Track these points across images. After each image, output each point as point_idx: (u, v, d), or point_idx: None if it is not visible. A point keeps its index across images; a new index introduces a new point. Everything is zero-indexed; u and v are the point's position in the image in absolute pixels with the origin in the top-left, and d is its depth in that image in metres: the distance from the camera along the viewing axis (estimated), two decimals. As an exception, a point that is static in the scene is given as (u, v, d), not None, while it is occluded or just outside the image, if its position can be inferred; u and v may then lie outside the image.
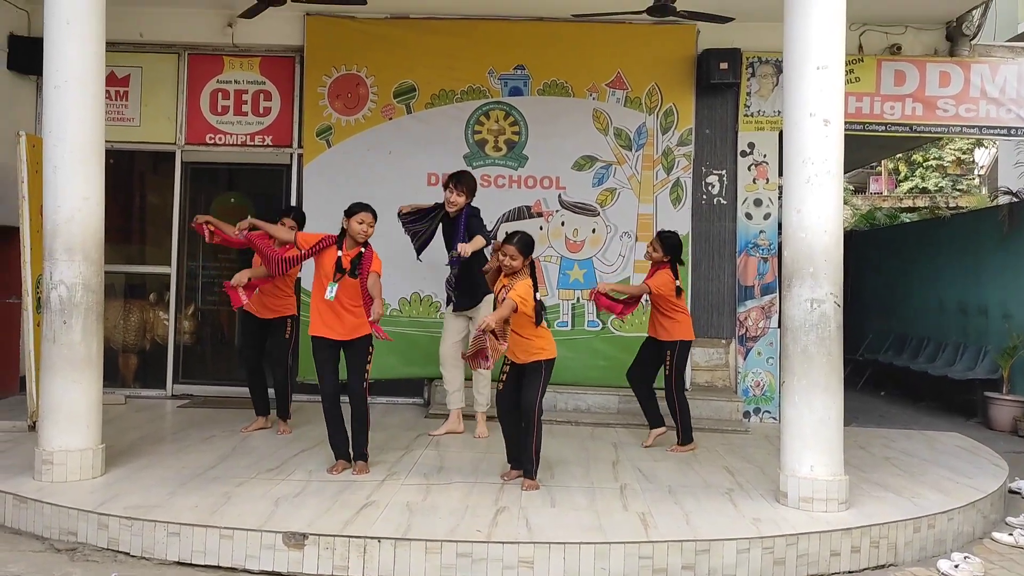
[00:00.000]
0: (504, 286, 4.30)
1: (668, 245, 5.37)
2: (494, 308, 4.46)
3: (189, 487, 4.32)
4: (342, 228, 4.55)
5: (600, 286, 5.28)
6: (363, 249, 4.51)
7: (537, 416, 4.27)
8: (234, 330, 7.34)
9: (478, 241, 5.10)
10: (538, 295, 4.30)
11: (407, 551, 3.59)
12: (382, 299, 4.53)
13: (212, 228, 5.22)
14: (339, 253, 4.48)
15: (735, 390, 6.81)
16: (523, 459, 4.43)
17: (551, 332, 4.53)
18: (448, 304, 5.64)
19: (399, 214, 5.44)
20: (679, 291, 5.35)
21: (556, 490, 4.48)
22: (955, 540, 4.26)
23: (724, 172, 6.97)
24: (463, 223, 5.27)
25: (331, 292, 4.41)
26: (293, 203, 6.85)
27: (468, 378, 5.80)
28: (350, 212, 4.52)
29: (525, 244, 4.33)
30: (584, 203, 6.89)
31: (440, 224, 5.46)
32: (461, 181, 5.38)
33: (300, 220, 5.52)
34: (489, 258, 4.74)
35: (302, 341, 5.94)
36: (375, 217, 4.56)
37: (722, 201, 6.97)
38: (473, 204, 5.48)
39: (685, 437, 5.42)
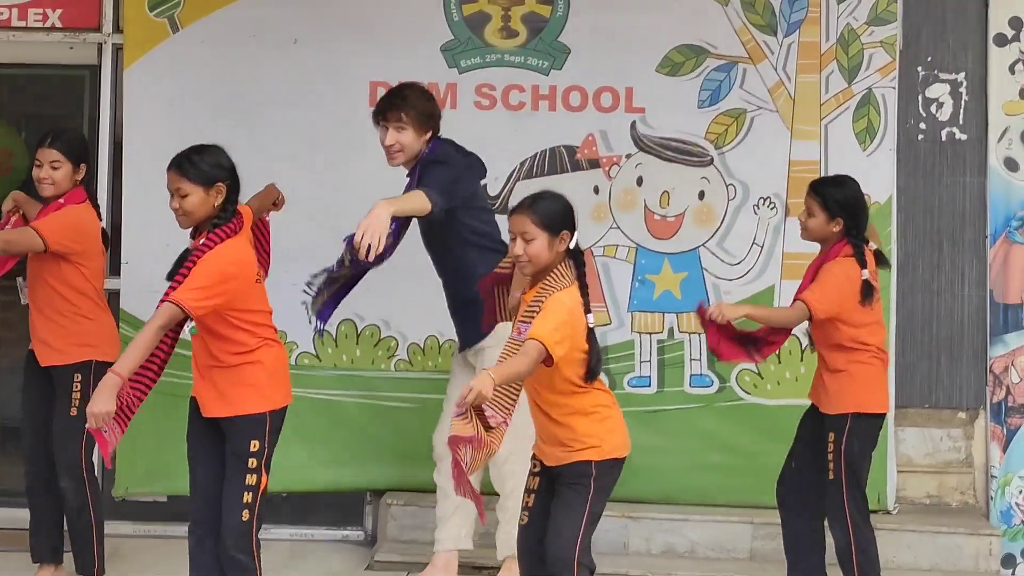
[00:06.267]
0: (528, 307, 4.16)
1: (837, 202, 5.02)
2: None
3: None
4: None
5: (714, 309, 4.90)
6: (202, 240, 4.32)
7: (577, 573, 4.09)
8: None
9: (403, 201, 4.87)
10: (591, 320, 4.13)
11: None
12: None
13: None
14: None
15: (985, 513, 6.18)
16: None
17: (615, 399, 4.28)
18: None
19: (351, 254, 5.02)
20: (868, 293, 4.90)
21: None
22: None
23: (962, 77, 6.33)
24: (413, 183, 5.21)
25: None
26: (104, 133, 6.46)
27: (488, 491, 5.39)
28: None
29: (550, 210, 4.14)
30: (682, 140, 6.26)
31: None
32: (395, 103, 5.19)
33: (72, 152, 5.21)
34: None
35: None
36: (185, 173, 4.28)
37: (958, 135, 6.33)
38: (448, 140, 5.30)
39: None
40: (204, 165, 4.20)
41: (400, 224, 5.01)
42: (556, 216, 4.08)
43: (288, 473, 5.78)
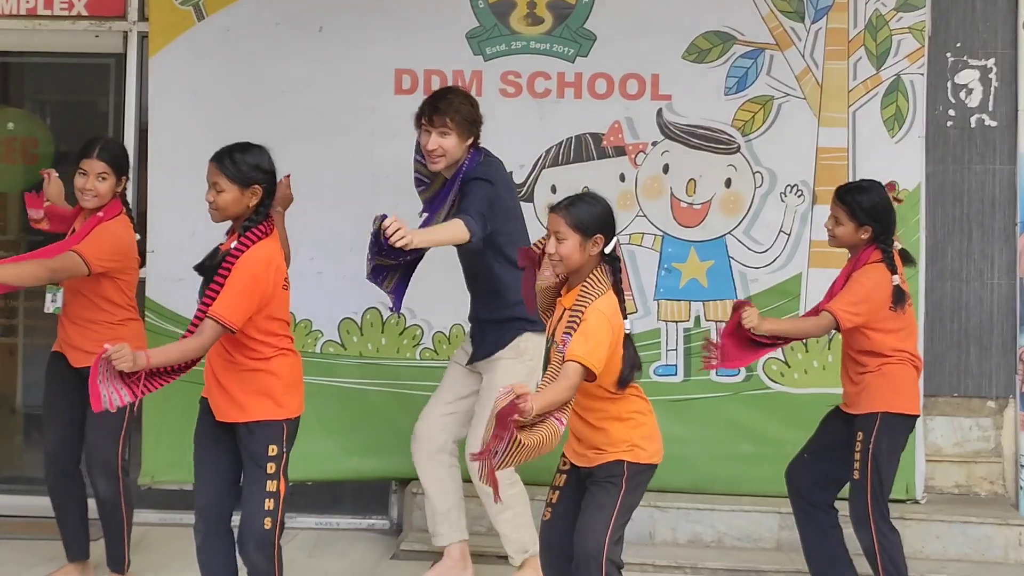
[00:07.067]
0: (564, 314, 4.13)
1: (865, 209, 4.99)
2: (546, 359, 4.30)
3: None
4: None
5: (749, 315, 4.84)
6: (235, 243, 4.27)
7: (605, 570, 4.07)
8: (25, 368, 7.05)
9: (440, 232, 4.80)
10: (628, 326, 4.10)
11: None
12: None
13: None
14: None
15: (1015, 503, 6.13)
16: None
17: (652, 407, 4.25)
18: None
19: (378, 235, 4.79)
20: (899, 299, 4.87)
21: None
22: None
23: (992, 62, 6.33)
24: (451, 193, 5.15)
25: None
26: (130, 121, 6.42)
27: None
28: None
29: (585, 214, 4.11)
30: (709, 127, 6.26)
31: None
32: (441, 108, 5.09)
33: (118, 164, 5.20)
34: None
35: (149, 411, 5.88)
36: (225, 170, 4.24)
37: (987, 121, 6.32)
38: (487, 152, 5.21)
39: None
40: (244, 165, 4.17)
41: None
42: (590, 220, 4.04)
43: (313, 462, 5.87)
